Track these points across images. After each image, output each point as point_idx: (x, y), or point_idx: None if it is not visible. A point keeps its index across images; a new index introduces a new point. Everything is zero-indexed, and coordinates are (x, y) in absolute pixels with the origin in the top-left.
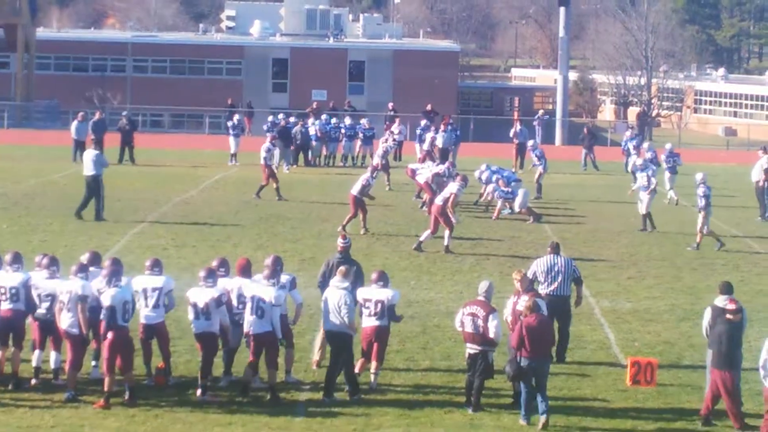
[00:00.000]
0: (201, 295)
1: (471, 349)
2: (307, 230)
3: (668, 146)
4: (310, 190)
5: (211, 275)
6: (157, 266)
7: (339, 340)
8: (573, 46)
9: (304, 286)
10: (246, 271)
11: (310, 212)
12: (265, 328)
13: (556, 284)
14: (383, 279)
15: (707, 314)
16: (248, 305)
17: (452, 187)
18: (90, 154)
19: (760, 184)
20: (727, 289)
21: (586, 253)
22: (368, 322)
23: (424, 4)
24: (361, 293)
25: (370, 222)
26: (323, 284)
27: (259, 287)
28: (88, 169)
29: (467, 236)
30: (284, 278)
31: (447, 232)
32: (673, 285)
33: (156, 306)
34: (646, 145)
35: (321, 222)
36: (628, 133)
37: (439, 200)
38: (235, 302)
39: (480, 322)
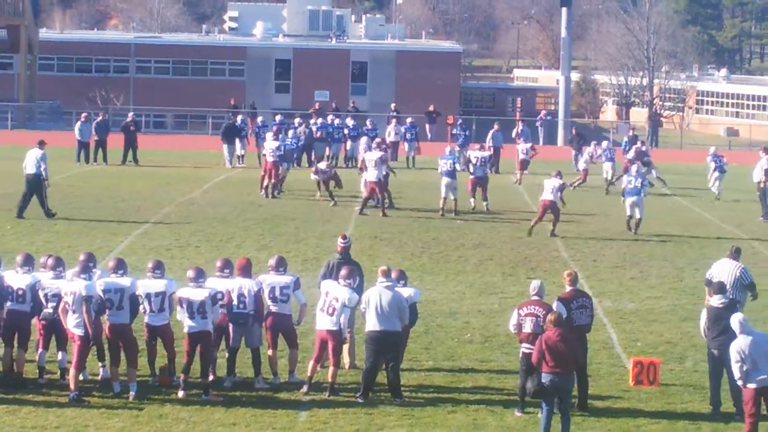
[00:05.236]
0: (195, 294)
1: (528, 349)
2: (310, 231)
3: (712, 149)
4: (314, 190)
5: (201, 275)
6: (159, 268)
7: (385, 342)
8: (575, 46)
9: (307, 286)
10: (247, 270)
11: (313, 213)
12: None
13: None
14: (402, 277)
15: (704, 315)
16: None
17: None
18: (35, 153)
19: (762, 185)
20: (722, 288)
21: (588, 254)
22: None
23: (426, 4)
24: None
25: (372, 224)
26: None
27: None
28: (30, 167)
29: (470, 237)
30: (288, 278)
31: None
32: (676, 285)
33: (160, 309)
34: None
35: (324, 222)
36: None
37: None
38: (235, 302)
39: (541, 322)
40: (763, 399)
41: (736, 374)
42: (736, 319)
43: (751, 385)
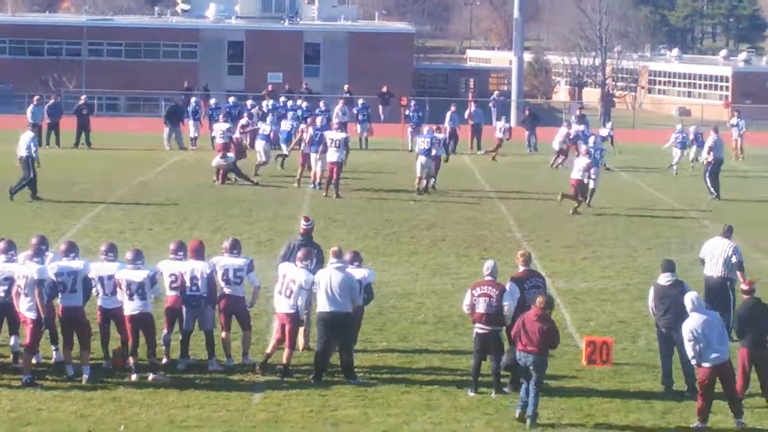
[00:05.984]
0: (134, 275)
1: (481, 329)
2: (263, 213)
3: (678, 126)
4: (266, 172)
5: (139, 256)
6: (111, 251)
7: (336, 323)
8: (528, 27)
9: (261, 268)
10: (200, 253)
11: (267, 195)
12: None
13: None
14: (356, 259)
15: (651, 293)
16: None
17: None
18: (26, 135)
19: (706, 163)
20: (669, 266)
21: (542, 234)
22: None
23: None
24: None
25: (326, 206)
26: None
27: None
28: (21, 150)
29: (423, 218)
30: (241, 261)
31: None
32: (628, 264)
33: (113, 292)
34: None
35: (277, 204)
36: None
37: None
38: (188, 284)
39: (494, 302)
40: (718, 378)
41: (690, 353)
42: (689, 298)
43: (706, 364)
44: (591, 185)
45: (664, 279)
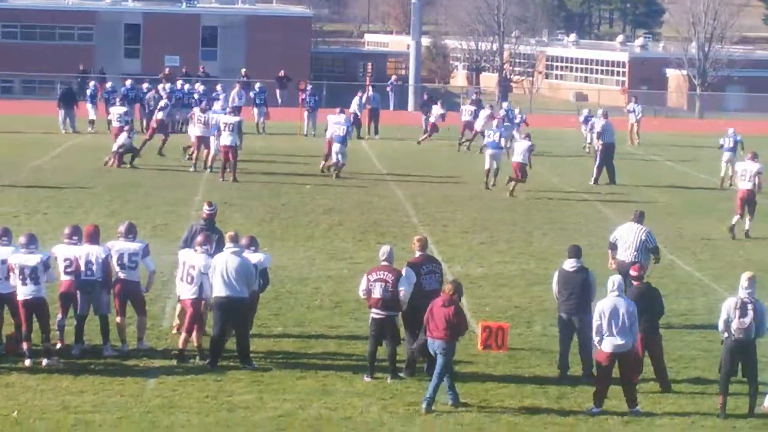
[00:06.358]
0: (27, 260)
1: (377, 314)
2: (159, 197)
3: (585, 111)
4: (163, 156)
5: (33, 240)
6: (5, 236)
7: (231, 308)
8: (426, 11)
9: (157, 253)
10: (94, 237)
11: (163, 179)
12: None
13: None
14: (252, 244)
15: (555, 278)
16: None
17: None
18: None
19: (597, 148)
20: (575, 252)
21: (438, 219)
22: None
23: None
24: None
25: (222, 190)
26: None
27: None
28: None
29: (320, 203)
30: (137, 245)
31: None
32: (524, 250)
33: (6, 277)
34: (505, 105)
35: (174, 189)
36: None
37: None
38: (83, 269)
39: (390, 287)
40: (617, 363)
41: (594, 332)
42: (611, 280)
43: (606, 349)
44: (494, 165)
45: (569, 265)
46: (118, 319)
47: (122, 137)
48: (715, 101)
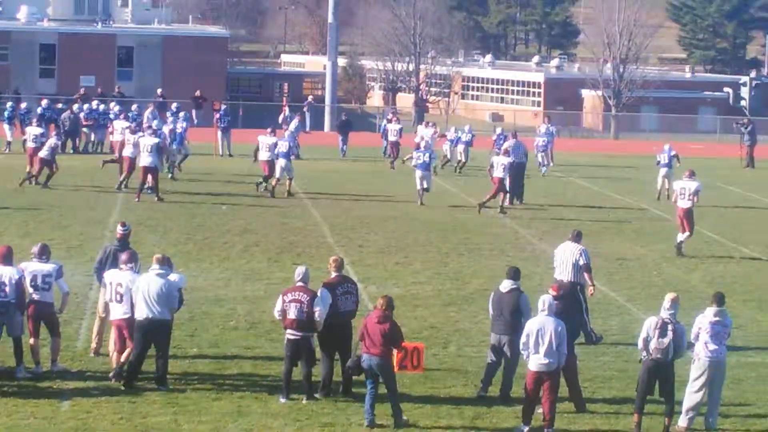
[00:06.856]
0: None
1: (292, 335)
2: (74, 218)
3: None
4: (78, 177)
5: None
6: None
7: (153, 330)
8: (342, 32)
9: (71, 274)
10: (7, 258)
11: (78, 200)
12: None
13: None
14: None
15: (491, 298)
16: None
17: None
18: None
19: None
20: (513, 274)
21: (354, 239)
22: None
23: None
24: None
25: (137, 210)
26: (99, 270)
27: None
28: None
29: (236, 223)
30: (50, 266)
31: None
32: (440, 270)
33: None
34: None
35: (89, 210)
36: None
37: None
38: None
39: (305, 308)
40: (543, 382)
41: (521, 348)
42: (542, 299)
43: (532, 367)
44: (425, 185)
45: (504, 285)
46: (31, 340)
47: (51, 141)
48: (630, 122)
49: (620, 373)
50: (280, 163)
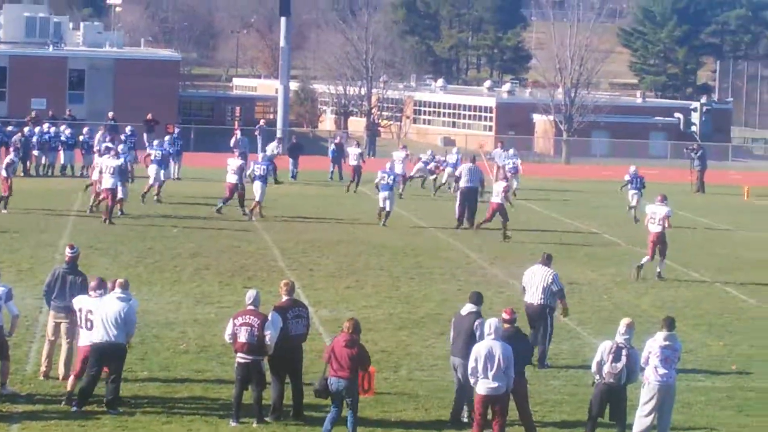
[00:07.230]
0: None
1: (243, 359)
2: (24, 241)
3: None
4: (29, 200)
5: None
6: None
7: (109, 353)
8: (294, 56)
9: (21, 297)
10: None
11: (28, 223)
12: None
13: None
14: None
15: (453, 323)
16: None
17: None
18: None
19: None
20: (475, 299)
21: (305, 263)
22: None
23: (145, 12)
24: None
25: (88, 233)
26: (48, 293)
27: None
28: None
29: (187, 247)
30: (1, 289)
31: None
32: (391, 294)
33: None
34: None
35: (39, 233)
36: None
37: None
38: None
39: (256, 332)
40: (491, 407)
41: (469, 372)
42: (488, 323)
43: (480, 391)
44: (388, 207)
45: (465, 309)
46: None
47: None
48: (582, 146)
49: (571, 396)
50: (256, 186)
